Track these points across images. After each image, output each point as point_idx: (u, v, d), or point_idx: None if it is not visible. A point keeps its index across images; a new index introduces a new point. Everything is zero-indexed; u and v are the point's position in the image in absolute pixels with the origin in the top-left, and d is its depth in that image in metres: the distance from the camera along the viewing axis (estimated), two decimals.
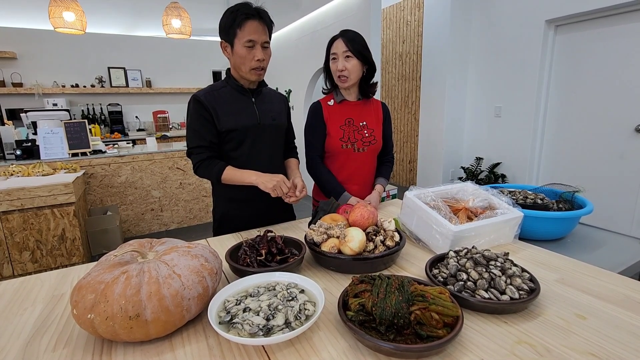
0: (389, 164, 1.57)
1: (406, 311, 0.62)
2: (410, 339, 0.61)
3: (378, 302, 0.63)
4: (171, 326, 0.68)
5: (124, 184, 3.32)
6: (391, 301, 0.63)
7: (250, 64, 1.18)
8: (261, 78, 1.26)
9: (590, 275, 0.89)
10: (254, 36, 1.15)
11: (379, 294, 0.65)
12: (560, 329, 0.69)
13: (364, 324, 0.64)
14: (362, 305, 0.65)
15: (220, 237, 1.22)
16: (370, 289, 0.68)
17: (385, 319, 0.61)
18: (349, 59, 1.36)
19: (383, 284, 0.67)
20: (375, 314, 0.63)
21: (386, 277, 0.70)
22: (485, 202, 1.12)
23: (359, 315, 0.64)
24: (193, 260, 0.74)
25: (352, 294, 0.70)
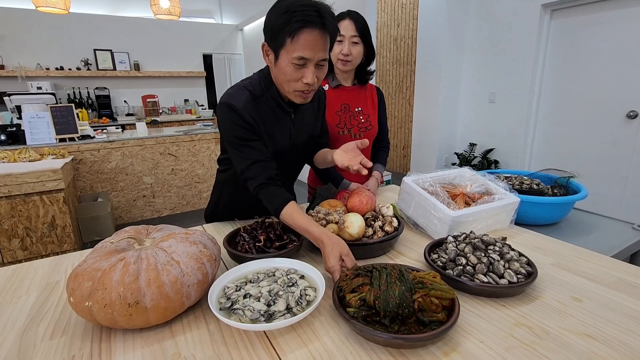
0: (385, 149, 1.56)
1: (410, 300, 0.62)
2: (414, 327, 0.61)
3: (381, 294, 0.62)
4: (171, 313, 0.67)
5: (114, 170, 3.26)
6: (394, 292, 0.62)
7: (296, 85, 0.90)
8: (308, 101, 0.97)
9: (584, 259, 0.90)
10: (308, 52, 0.84)
11: (380, 286, 0.63)
12: (557, 311, 0.70)
13: (366, 319, 0.62)
14: (363, 299, 0.63)
15: (216, 224, 1.21)
16: (368, 282, 0.66)
17: (390, 310, 0.60)
18: (356, 45, 1.30)
19: (383, 275, 0.66)
20: (378, 307, 0.61)
21: (383, 268, 0.69)
22: (483, 188, 1.12)
23: (361, 311, 0.62)
24: (192, 247, 0.73)
25: (349, 289, 0.67)
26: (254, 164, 0.95)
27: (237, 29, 6.35)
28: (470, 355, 0.59)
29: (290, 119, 1.05)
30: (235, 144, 0.96)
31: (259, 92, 0.98)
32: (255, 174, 0.95)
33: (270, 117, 1.00)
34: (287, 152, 1.08)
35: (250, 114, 0.95)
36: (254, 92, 0.97)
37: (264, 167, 0.95)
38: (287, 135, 1.05)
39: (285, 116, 1.03)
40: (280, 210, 0.91)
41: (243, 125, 0.95)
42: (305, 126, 1.10)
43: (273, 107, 1.00)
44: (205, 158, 3.70)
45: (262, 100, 0.98)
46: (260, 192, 0.94)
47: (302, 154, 1.17)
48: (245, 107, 0.94)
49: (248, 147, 0.96)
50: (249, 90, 0.97)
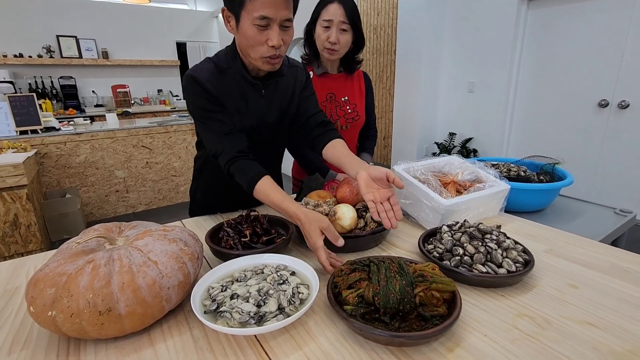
0: (372, 137, 1.52)
1: (412, 295, 0.58)
2: (415, 322, 0.57)
3: (380, 290, 0.58)
4: (149, 319, 0.60)
5: (83, 164, 3.07)
6: (394, 287, 0.58)
7: (261, 50, 0.84)
8: (276, 68, 0.90)
9: (576, 245, 0.90)
10: (270, 11, 0.78)
11: (379, 281, 0.59)
12: (556, 299, 0.69)
13: (365, 317, 0.58)
14: (361, 296, 0.59)
15: (196, 219, 1.14)
16: (365, 277, 0.62)
17: (391, 307, 0.56)
18: (344, 32, 1.21)
19: (382, 269, 0.61)
20: (378, 303, 0.57)
21: (381, 262, 0.64)
22: (473, 175, 1.10)
23: (360, 308, 0.58)
24: (171, 245, 0.66)
25: (345, 285, 0.62)
26: (222, 137, 0.90)
27: (212, 16, 6.11)
28: (475, 350, 0.56)
29: (261, 96, 0.98)
30: (200, 117, 0.92)
31: (224, 64, 0.93)
32: (225, 147, 0.89)
33: (236, 92, 0.94)
34: (256, 130, 1.01)
35: (214, 85, 0.91)
36: (219, 65, 0.93)
37: (233, 140, 0.90)
38: (257, 111, 0.99)
39: (254, 91, 0.97)
40: (253, 185, 0.85)
41: (207, 97, 0.90)
42: (279, 104, 1.03)
43: (240, 80, 0.94)
44: (182, 150, 3.55)
45: (228, 73, 0.93)
46: (231, 167, 0.88)
47: (276, 133, 1.08)
48: (209, 79, 0.90)
49: (213, 120, 0.91)
50: (214, 62, 0.93)
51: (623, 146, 2.84)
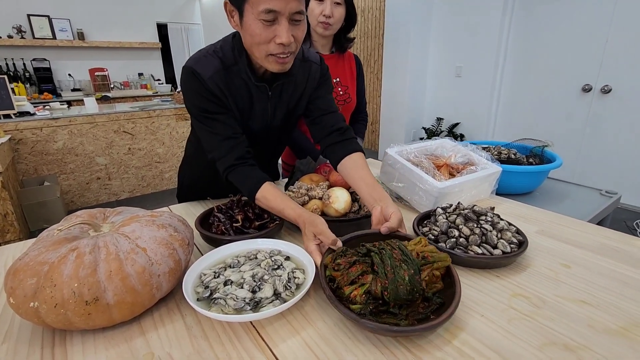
0: (362, 122, 1.49)
1: (420, 283, 0.55)
2: (420, 305, 0.56)
3: (389, 284, 0.54)
4: (139, 308, 0.58)
5: (61, 150, 2.94)
6: (403, 278, 0.54)
7: (268, 48, 0.74)
8: (286, 69, 0.80)
9: (566, 226, 0.91)
10: (276, 3, 0.68)
11: (386, 274, 0.55)
12: (550, 279, 0.69)
13: (372, 312, 0.54)
14: (368, 292, 0.55)
15: (185, 204, 1.10)
16: (368, 270, 0.58)
17: (401, 299, 0.53)
18: (338, 6, 1.18)
19: (386, 260, 0.57)
20: (388, 298, 0.53)
21: (380, 249, 0.60)
22: (466, 158, 1.10)
23: (368, 305, 0.54)
24: (160, 231, 0.63)
25: (347, 281, 0.57)
26: (222, 142, 0.83)
27: None
28: (476, 333, 0.56)
29: (267, 97, 0.88)
30: (199, 117, 0.83)
31: (231, 60, 0.82)
32: (224, 153, 0.83)
33: (243, 92, 0.85)
34: (262, 134, 0.95)
35: (218, 85, 0.81)
36: (225, 61, 0.82)
37: (233, 146, 0.83)
38: (261, 116, 0.91)
39: (260, 93, 0.87)
40: (254, 194, 0.81)
41: (208, 98, 0.81)
42: (284, 106, 0.93)
43: (246, 79, 0.84)
44: (166, 136, 3.45)
45: (233, 70, 0.82)
46: (230, 174, 0.83)
47: (282, 135, 1.03)
48: (213, 77, 0.80)
49: (214, 121, 0.83)
50: (220, 58, 0.82)
51: (604, 130, 2.91)
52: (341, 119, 0.95)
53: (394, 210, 0.71)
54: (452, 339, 0.55)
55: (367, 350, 0.53)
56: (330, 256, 0.62)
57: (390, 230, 0.69)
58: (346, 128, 0.93)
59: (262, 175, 0.83)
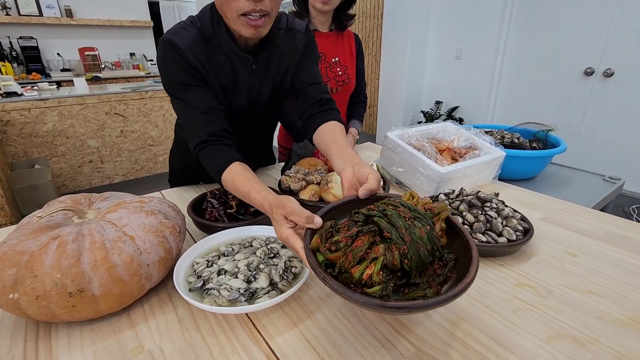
0: (361, 104, 1.45)
1: (440, 240, 0.47)
2: (436, 267, 0.48)
3: (409, 248, 0.43)
4: (128, 298, 0.55)
5: (51, 132, 2.86)
6: (421, 237, 0.44)
7: (237, 4, 0.66)
8: (260, 34, 0.72)
9: (571, 213, 0.89)
10: None
11: (403, 238, 0.44)
12: (555, 268, 0.67)
13: (395, 292, 0.44)
14: (384, 266, 0.44)
15: (177, 189, 1.06)
16: (376, 240, 0.46)
17: (424, 263, 0.44)
18: None
19: (396, 220, 0.45)
20: (409, 266, 0.43)
21: (381, 212, 0.47)
22: (469, 142, 1.06)
23: (389, 283, 0.44)
24: (149, 218, 0.60)
25: (353, 262, 0.44)
26: (197, 116, 0.75)
27: None
28: (478, 323, 0.54)
29: (251, 70, 0.82)
30: (174, 90, 0.77)
31: (210, 31, 0.76)
32: (197, 128, 0.75)
33: (225, 66, 0.79)
34: (248, 112, 0.89)
35: (197, 56, 0.75)
36: (203, 31, 0.76)
37: (207, 121, 0.75)
38: (246, 91, 0.84)
39: (244, 66, 0.81)
40: (220, 174, 0.70)
41: (186, 69, 0.75)
42: (270, 79, 0.87)
43: (227, 52, 0.78)
44: (159, 118, 3.36)
45: (214, 43, 0.76)
46: (200, 152, 0.74)
47: (270, 111, 0.97)
48: (191, 47, 0.74)
49: (189, 93, 0.76)
50: (198, 29, 0.76)
51: (605, 115, 2.88)
52: (324, 90, 0.87)
53: (370, 170, 0.58)
54: (455, 330, 0.53)
55: (367, 342, 0.51)
56: (318, 237, 0.48)
57: (370, 193, 0.56)
58: (327, 99, 0.85)
59: (234, 155, 0.72)
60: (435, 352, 0.49)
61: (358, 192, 0.56)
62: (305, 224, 0.50)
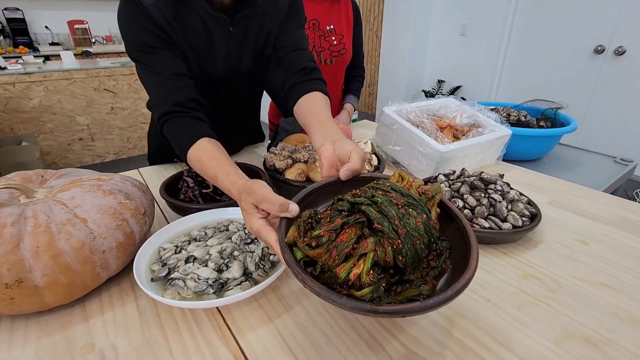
0: (359, 78, 1.35)
1: (436, 230, 0.40)
2: (430, 258, 0.41)
3: (404, 242, 0.36)
4: (80, 289, 0.48)
5: (37, 108, 2.75)
6: (418, 229, 0.37)
7: None
8: None
9: (581, 196, 0.81)
10: None
11: (397, 230, 0.37)
12: (565, 257, 0.61)
13: (388, 291, 0.38)
14: (375, 263, 0.37)
15: (157, 167, 0.99)
16: (365, 233, 0.38)
17: (419, 259, 0.38)
18: None
19: (388, 209, 0.38)
20: (403, 263, 0.37)
21: (369, 199, 0.40)
22: (472, 119, 0.98)
23: (380, 283, 0.37)
24: (106, 198, 0.52)
25: (339, 259, 0.37)
26: (161, 83, 0.66)
27: None
28: (478, 320, 0.47)
29: (228, 34, 0.73)
30: (137, 54, 0.67)
31: None
32: (160, 97, 0.65)
33: (197, 27, 0.70)
34: (228, 82, 0.81)
35: (163, 14, 0.65)
36: None
37: (172, 88, 0.65)
38: (223, 58, 0.76)
39: (220, 29, 0.72)
40: (185, 152, 0.61)
41: (149, 28, 0.65)
42: (251, 44, 0.78)
43: (200, 11, 0.68)
44: None
45: (187, 2, 0.67)
46: (164, 126, 0.64)
47: (252, 82, 0.87)
48: (157, 4, 0.64)
49: (153, 56, 0.66)
50: None
51: (614, 94, 2.76)
52: (310, 58, 0.77)
53: (353, 147, 0.49)
54: (452, 329, 0.46)
55: (351, 342, 0.44)
56: (295, 229, 0.40)
57: (353, 174, 0.47)
58: (312, 68, 0.75)
59: (203, 130, 0.62)
60: (428, 353, 0.43)
61: (339, 173, 0.48)
62: (279, 213, 0.42)
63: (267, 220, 0.45)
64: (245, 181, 0.50)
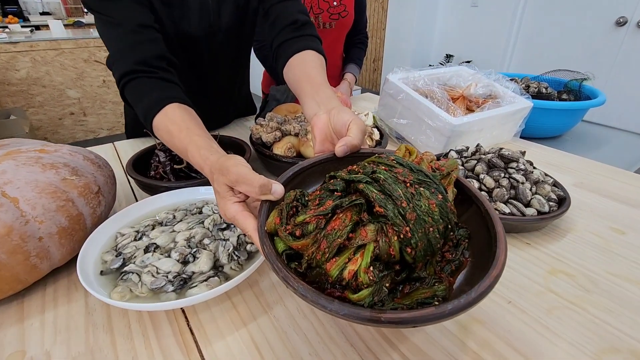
0: (361, 45, 1.22)
1: (454, 214, 0.31)
2: (445, 249, 0.32)
3: (413, 230, 0.28)
4: (12, 284, 0.40)
5: (25, 80, 2.63)
6: (432, 213, 0.29)
7: None
8: None
9: (611, 178, 0.71)
10: None
11: (404, 214, 0.28)
12: (599, 249, 0.51)
13: (392, 292, 0.29)
14: (376, 257, 0.28)
15: (132, 141, 0.89)
16: (364, 219, 0.30)
17: (433, 251, 0.29)
18: None
19: (393, 187, 0.29)
20: (412, 256, 0.28)
21: (374, 174, 0.31)
22: (488, 89, 0.86)
23: (383, 283, 0.28)
24: (45, 173, 0.43)
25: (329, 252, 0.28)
26: (122, 37, 0.55)
27: None
28: (497, 327, 0.39)
29: None
30: (95, 3, 0.56)
31: None
32: (121, 54, 0.55)
33: None
34: (206, 42, 0.70)
35: None
36: None
37: (135, 43, 0.55)
38: (199, 10, 0.66)
39: None
40: (150, 118, 0.50)
41: None
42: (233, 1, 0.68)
43: None
44: None
45: None
46: (126, 89, 0.54)
47: (236, 41, 0.76)
48: None
49: (114, 5, 0.55)
50: None
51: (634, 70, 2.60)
52: (300, 9, 0.66)
53: (352, 118, 0.40)
54: (466, 337, 0.38)
55: (340, 353, 0.36)
56: (277, 214, 0.31)
57: (352, 150, 0.39)
58: (305, 22, 0.64)
59: (172, 93, 0.52)
60: None
61: (335, 148, 0.39)
62: (259, 196, 0.33)
63: (246, 204, 0.36)
64: (218, 157, 0.40)
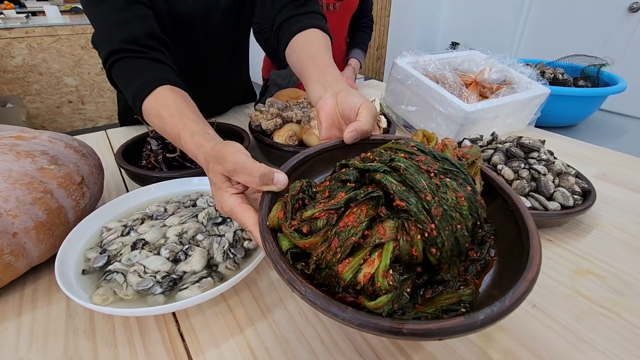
0: (366, 30, 1.17)
1: (484, 209, 0.28)
2: (473, 247, 0.29)
3: (439, 227, 0.24)
4: None
5: (21, 67, 2.57)
6: (459, 207, 0.25)
7: None
8: None
9: (637, 170, 0.67)
10: None
11: (430, 210, 0.24)
12: (629, 247, 0.47)
13: (413, 296, 0.26)
14: (397, 259, 0.25)
15: (126, 128, 0.85)
16: (382, 214, 0.26)
17: (461, 251, 0.26)
18: None
19: (416, 176, 0.26)
20: (438, 257, 0.25)
21: (393, 162, 0.27)
22: (502, 75, 0.81)
23: (403, 289, 0.24)
24: (19, 162, 0.39)
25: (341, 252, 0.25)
26: (108, 14, 0.51)
27: None
28: (524, 334, 0.35)
29: None
30: None
31: None
32: (107, 32, 0.50)
33: None
34: (203, 24, 0.66)
35: None
36: None
37: (122, 20, 0.50)
38: None
39: None
40: (139, 104, 0.46)
41: None
42: None
43: None
44: None
45: None
46: (112, 69, 0.50)
47: (234, 22, 0.72)
48: None
49: None
50: None
51: None
52: None
53: (362, 101, 0.36)
54: (488, 347, 0.34)
55: None
56: (280, 207, 0.28)
57: (362, 136, 0.35)
58: None
59: (163, 75, 0.48)
60: None
61: (343, 135, 0.35)
62: (260, 187, 0.30)
63: (245, 196, 0.33)
64: (214, 144, 0.36)
